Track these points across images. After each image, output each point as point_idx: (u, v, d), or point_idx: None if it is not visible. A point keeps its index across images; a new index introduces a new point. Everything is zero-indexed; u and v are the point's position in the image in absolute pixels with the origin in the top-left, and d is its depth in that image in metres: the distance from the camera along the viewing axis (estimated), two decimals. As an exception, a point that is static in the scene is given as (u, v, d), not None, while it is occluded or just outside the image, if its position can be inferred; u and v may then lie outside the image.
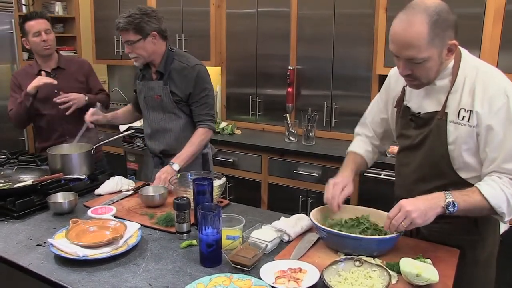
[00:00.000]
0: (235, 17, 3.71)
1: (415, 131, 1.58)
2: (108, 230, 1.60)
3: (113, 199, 2.00)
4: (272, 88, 3.65)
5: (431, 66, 1.41)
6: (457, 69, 1.46)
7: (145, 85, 2.36)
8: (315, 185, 3.10)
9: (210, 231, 1.40)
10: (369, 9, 3.09)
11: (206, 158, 2.49)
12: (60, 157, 2.19)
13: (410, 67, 1.42)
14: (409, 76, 1.46)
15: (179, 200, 1.61)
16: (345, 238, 1.46)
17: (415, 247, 1.52)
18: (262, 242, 1.48)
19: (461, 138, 1.46)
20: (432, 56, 1.39)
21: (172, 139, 2.38)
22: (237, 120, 3.84)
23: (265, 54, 3.62)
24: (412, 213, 1.36)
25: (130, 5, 4.07)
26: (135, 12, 2.17)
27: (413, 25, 1.35)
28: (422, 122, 1.55)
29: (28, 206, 1.87)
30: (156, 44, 2.24)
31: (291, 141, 3.36)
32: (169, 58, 2.29)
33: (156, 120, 2.37)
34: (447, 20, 1.37)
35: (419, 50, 1.36)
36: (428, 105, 1.54)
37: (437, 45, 1.37)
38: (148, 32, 2.19)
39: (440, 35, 1.36)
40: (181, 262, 1.47)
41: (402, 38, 1.37)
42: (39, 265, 1.45)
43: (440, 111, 1.49)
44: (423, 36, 1.34)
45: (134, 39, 2.18)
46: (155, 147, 2.43)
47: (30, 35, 2.59)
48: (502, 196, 1.39)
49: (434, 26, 1.34)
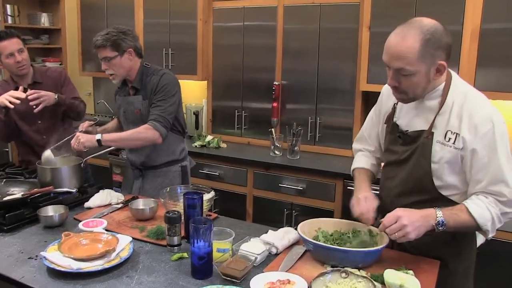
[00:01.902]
0: (222, 31, 3.78)
1: (402, 148, 1.66)
2: (101, 243, 1.63)
3: (103, 212, 2.02)
4: (258, 101, 3.71)
5: (417, 81, 1.49)
6: (447, 92, 1.54)
7: (124, 100, 2.45)
8: (299, 198, 3.16)
9: (201, 244, 1.45)
10: (353, 24, 3.19)
11: (185, 170, 2.57)
12: (50, 170, 2.20)
13: (398, 78, 1.50)
14: (396, 89, 1.54)
15: (170, 214, 1.65)
16: (332, 250, 1.53)
17: (398, 258, 1.59)
18: (252, 255, 1.53)
19: (445, 158, 1.53)
20: (419, 72, 1.46)
21: (151, 151, 2.45)
22: (223, 134, 3.89)
23: (251, 67, 3.68)
24: (407, 227, 1.43)
25: (118, 16, 4.13)
26: (112, 31, 2.29)
27: (407, 39, 1.44)
28: (410, 139, 1.63)
29: (18, 219, 1.88)
30: (132, 61, 2.35)
31: (276, 155, 3.42)
32: (144, 73, 2.39)
33: None
34: (440, 41, 1.45)
35: (408, 63, 1.44)
36: (416, 123, 1.61)
37: (427, 63, 1.45)
38: (125, 49, 2.30)
39: (430, 53, 1.44)
40: (173, 274, 1.50)
41: (394, 49, 1.46)
42: (32, 278, 1.47)
43: (427, 130, 1.56)
44: (414, 51, 1.43)
45: (111, 56, 2.27)
46: (136, 159, 2.50)
47: (3, 57, 2.50)
48: (488, 214, 1.47)
49: (426, 44, 1.43)
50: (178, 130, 2.50)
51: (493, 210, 1.48)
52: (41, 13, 4.67)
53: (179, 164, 2.55)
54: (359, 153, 1.94)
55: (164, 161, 2.49)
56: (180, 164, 2.56)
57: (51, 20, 4.75)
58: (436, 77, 1.51)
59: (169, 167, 2.51)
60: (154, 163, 2.48)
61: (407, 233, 1.43)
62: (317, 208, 3.09)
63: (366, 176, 1.83)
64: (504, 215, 1.50)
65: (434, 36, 1.44)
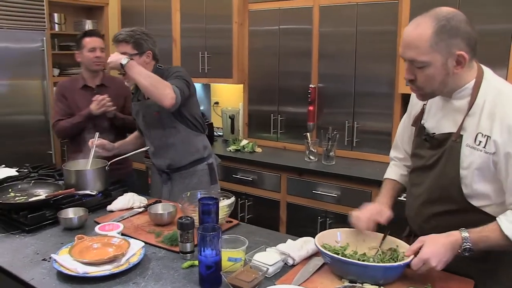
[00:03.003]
0: (257, 35, 3.73)
1: (429, 152, 1.52)
2: (112, 248, 1.59)
3: (123, 216, 2.00)
4: (294, 106, 3.62)
5: (433, 73, 1.36)
6: (477, 90, 1.39)
7: (142, 104, 2.41)
8: (334, 206, 3.03)
9: (209, 252, 1.38)
10: (391, 26, 3.03)
11: (212, 167, 2.52)
12: (74, 173, 2.22)
13: (413, 71, 1.40)
14: (412, 83, 1.43)
15: (183, 220, 1.59)
16: (350, 264, 1.40)
17: (425, 275, 1.44)
18: (264, 266, 1.44)
19: (476, 164, 1.38)
20: (434, 62, 1.35)
21: (175, 153, 2.41)
22: (258, 138, 3.82)
23: (287, 71, 3.60)
24: (437, 265, 1.34)
25: (156, 21, 4.19)
26: (136, 29, 2.28)
27: (420, 27, 1.34)
28: (437, 143, 1.49)
29: (40, 220, 1.89)
30: (148, 64, 2.32)
31: (311, 160, 3.31)
32: (158, 75, 2.25)
33: (157, 137, 2.40)
34: (458, 28, 1.33)
35: (419, 52, 1.34)
36: (444, 126, 1.48)
37: (441, 51, 1.33)
38: (145, 50, 2.29)
39: (446, 41, 1.32)
40: (180, 283, 1.44)
41: (407, 38, 1.38)
42: (41, 280, 1.46)
43: (456, 133, 1.42)
44: (426, 38, 1.32)
45: (130, 53, 2.24)
46: (161, 163, 2.47)
47: (85, 50, 2.78)
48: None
49: (440, 31, 1.32)
50: (197, 128, 2.44)
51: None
52: (85, 20, 4.80)
53: (205, 162, 2.50)
54: (391, 163, 1.83)
55: (189, 161, 2.44)
56: (206, 162, 2.50)
57: (95, 27, 4.87)
58: (457, 70, 1.36)
59: (195, 166, 2.46)
60: (179, 165, 2.44)
61: (432, 267, 1.34)
62: (352, 216, 2.94)
63: (389, 188, 1.73)
64: None
65: (450, 23, 1.32)
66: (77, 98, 2.80)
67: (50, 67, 4.24)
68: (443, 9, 1.35)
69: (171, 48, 4.15)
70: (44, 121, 4.22)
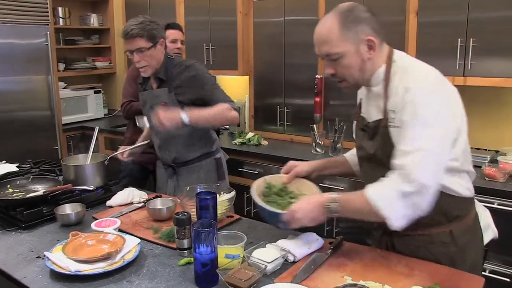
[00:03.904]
0: (262, 26, 3.64)
1: (369, 143, 1.53)
2: (106, 244, 1.54)
3: (122, 211, 1.96)
4: (300, 97, 3.54)
5: (350, 62, 1.42)
6: (389, 73, 1.44)
7: (150, 94, 2.34)
8: (341, 199, 2.95)
9: (204, 249, 1.32)
10: (399, 16, 2.93)
11: (220, 162, 2.46)
12: (73, 168, 2.18)
13: (331, 65, 1.46)
14: (334, 76, 1.48)
15: (179, 215, 1.54)
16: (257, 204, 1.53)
17: (433, 273, 1.37)
18: (262, 263, 1.38)
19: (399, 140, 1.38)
20: (347, 51, 1.41)
21: (182, 147, 2.34)
22: (264, 131, 3.75)
23: (293, 62, 3.52)
24: (303, 220, 1.43)
25: (160, 14, 4.14)
26: (144, 20, 2.15)
27: (326, 22, 1.44)
28: (372, 131, 1.52)
29: (36, 216, 1.86)
30: (162, 53, 2.24)
31: (317, 152, 3.23)
32: (168, 64, 2.26)
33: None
34: (360, 16, 1.42)
35: (332, 45, 1.41)
36: (372, 113, 1.53)
37: (351, 40, 1.40)
38: (158, 39, 2.18)
39: (353, 30, 1.40)
40: (175, 281, 1.39)
41: (317, 35, 1.45)
42: (33, 279, 1.42)
43: (383, 119, 1.44)
44: (334, 31, 1.40)
45: (146, 46, 2.14)
46: (167, 157, 2.39)
47: (167, 41, 2.84)
48: (382, 193, 1.33)
49: (345, 22, 1.40)
50: None
51: (392, 189, 1.30)
52: (90, 14, 4.77)
53: (213, 157, 2.43)
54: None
55: (196, 155, 2.37)
56: (214, 156, 2.43)
57: (100, 21, 4.84)
58: (371, 55, 1.43)
59: (202, 161, 2.40)
60: (186, 159, 2.36)
61: (298, 220, 1.43)
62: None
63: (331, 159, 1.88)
64: (407, 196, 1.28)
65: (352, 13, 1.41)
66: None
67: (55, 62, 4.21)
68: (343, 4, 1.45)
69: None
70: (50, 116, 4.20)
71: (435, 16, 2.73)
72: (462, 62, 2.62)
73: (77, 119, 4.62)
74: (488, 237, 1.58)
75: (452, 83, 1.45)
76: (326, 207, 1.40)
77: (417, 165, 1.28)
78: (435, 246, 1.46)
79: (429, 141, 1.29)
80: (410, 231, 1.42)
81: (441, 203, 1.38)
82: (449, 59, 2.65)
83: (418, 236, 1.46)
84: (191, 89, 2.23)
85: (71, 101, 4.58)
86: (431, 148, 1.29)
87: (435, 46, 2.73)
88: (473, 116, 2.94)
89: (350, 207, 1.38)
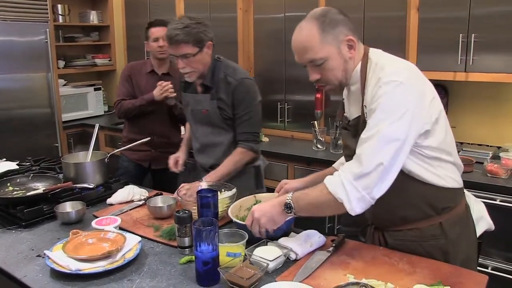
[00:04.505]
0: (262, 22, 3.63)
1: (353, 140, 1.50)
2: (107, 243, 1.54)
3: (122, 209, 1.94)
4: (301, 94, 3.53)
5: (334, 65, 1.43)
6: (365, 71, 1.44)
7: (192, 97, 2.21)
8: (342, 196, 2.94)
9: (205, 248, 1.31)
10: (400, 11, 2.91)
11: (258, 170, 2.31)
12: (73, 165, 2.16)
13: (316, 71, 1.45)
14: (319, 82, 1.48)
15: (180, 213, 1.53)
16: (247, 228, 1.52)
17: (436, 271, 1.36)
18: (264, 261, 1.37)
19: None
20: (330, 55, 1.41)
21: (221, 154, 2.19)
22: (265, 127, 3.73)
23: (294, 59, 3.44)
24: (261, 219, 1.44)
25: (160, 12, 4.11)
26: (190, 22, 1.97)
27: (303, 30, 1.43)
28: (353, 130, 1.51)
29: (37, 215, 1.84)
30: (209, 55, 2.08)
31: (318, 149, 3.23)
32: (216, 69, 2.12)
33: (204, 134, 2.22)
34: (335, 19, 1.41)
35: (315, 52, 1.40)
36: (352, 112, 1.54)
37: (332, 43, 1.40)
38: (205, 43, 2.02)
39: (331, 33, 1.40)
40: (177, 279, 1.38)
41: (297, 44, 1.45)
42: (33, 278, 1.41)
43: (362, 116, 1.44)
44: (315, 37, 1.40)
45: (192, 52, 1.99)
46: (205, 162, 2.26)
47: (150, 40, 2.84)
48: (337, 180, 1.35)
49: (323, 26, 1.40)
50: None
51: (343, 175, 1.34)
52: (90, 11, 4.75)
53: (252, 165, 2.26)
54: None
55: None
56: (253, 164, 2.26)
57: (100, 18, 4.82)
58: (352, 54, 1.44)
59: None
60: None
61: (262, 224, 1.44)
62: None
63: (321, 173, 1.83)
64: (360, 179, 1.31)
65: (328, 16, 1.41)
66: (142, 82, 2.89)
67: (55, 59, 4.19)
68: (316, 9, 1.45)
69: (175, 38, 4.07)
70: (50, 114, 4.19)
71: (436, 12, 2.72)
72: (464, 57, 2.61)
73: (77, 117, 4.61)
74: (481, 229, 1.59)
75: (454, 79, 1.46)
76: (283, 204, 1.43)
77: (369, 148, 1.31)
78: (426, 240, 1.46)
79: (385, 127, 1.30)
80: (400, 226, 1.48)
81: (427, 194, 1.42)
82: (451, 55, 2.64)
83: (408, 231, 1.47)
84: (236, 106, 2.13)
85: (71, 99, 4.56)
86: (385, 133, 1.30)
87: (437, 42, 2.71)
88: (475, 111, 2.98)
89: (306, 199, 1.40)
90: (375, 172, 1.29)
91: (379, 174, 1.30)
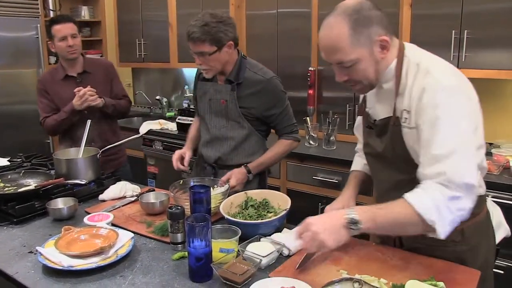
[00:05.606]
0: (255, 18, 3.62)
1: (377, 140, 1.47)
2: (99, 239, 1.53)
3: (115, 205, 1.94)
4: (293, 90, 3.50)
5: (364, 67, 1.33)
6: (400, 68, 1.35)
7: (212, 86, 2.14)
8: (335, 192, 2.94)
9: (198, 243, 1.31)
10: (393, 8, 2.92)
11: (263, 174, 2.28)
12: (65, 162, 2.15)
13: (344, 72, 1.35)
14: (348, 82, 1.38)
15: (173, 209, 1.52)
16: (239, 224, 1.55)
17: (429, 266, 1.37)
18: (257, 257, 1.37)
19: (412, 141, 1.34)
20: (361, 57, 1.31)
21: (230, 149, 2.14)
22: (258, 124, 3.73)
23: (286, 55, 3.50)
24: (312, 226, 1.26)
25: (152, 7, 4.09)
26: (210, 21, 1.91)
27: (334, 28, 1.30)
28: (379, 129, 1.46)
29: (28, 211, 1.83)
30: (230, 55, 2.02)
31: (311, 145, 3.23)
32: (242, 66, 2.08)
33: (217, 126, 2.15)
34: (369, 16, 1.29)
35: (345, 53, 1.29)
36: (381, 111, 1.45)
37: (364, 44, 1.29)
38: (225, 42, 1.95)
39: (364, 33, 1.29)
40: (169, 275, 1.38)
41: (326, 43, 1.33)
42: (25, 274, 1.40)
43: (393, 117, 1.37)
44: (345, 38, 1.28)
45: (209, 51, 1.94)
46: (211, 155, 2.19)
47: (56, 39, 2.52)
48: (428, 201, 1.20)
49: (355, 25, 1.28)
50: (263, 132, 2.21)
51: (436, 196, 1.19)
52: (81, 6, 4.71)
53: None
54: (356, 155, 1.81)
55: (240, 162, 2.14)
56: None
57: (91, 13, 4.78)
58: (384, 55, 1.33)
59: None
60: (229, 162, 2.15)
61: (322, 241, 1.23)
62: (353, 203, 2.87)
63: (354, 179, 1.71)
64: (453, 201, 1.19)
65: (362, 14, 1.28)
66: (60, 91, 2.57)
67: (46, 55, 4.16)
68: (347, 3, 1.32)
69: (167, 34, 4.06)
70: (41, 110, 4.15)
71: (429, 9, 2.72)
72: (456, 54, 2.62)
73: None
74: (500, 235, 1.54)
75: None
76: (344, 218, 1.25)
77: (458, 168, 1.20)
78: (445, 245, 1.39)
79: (460, 141, 1.22)
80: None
81: None
82: (443, 51, 2.64)
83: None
84: (272, 106, 2.10)
85: (62, 95, 4.52)
86: (465, 147, 1.22)
87: (429, 38, 2.72)
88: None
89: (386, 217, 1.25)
90: (470, 191, 1.21)
91: (473, 190, 1.22)
